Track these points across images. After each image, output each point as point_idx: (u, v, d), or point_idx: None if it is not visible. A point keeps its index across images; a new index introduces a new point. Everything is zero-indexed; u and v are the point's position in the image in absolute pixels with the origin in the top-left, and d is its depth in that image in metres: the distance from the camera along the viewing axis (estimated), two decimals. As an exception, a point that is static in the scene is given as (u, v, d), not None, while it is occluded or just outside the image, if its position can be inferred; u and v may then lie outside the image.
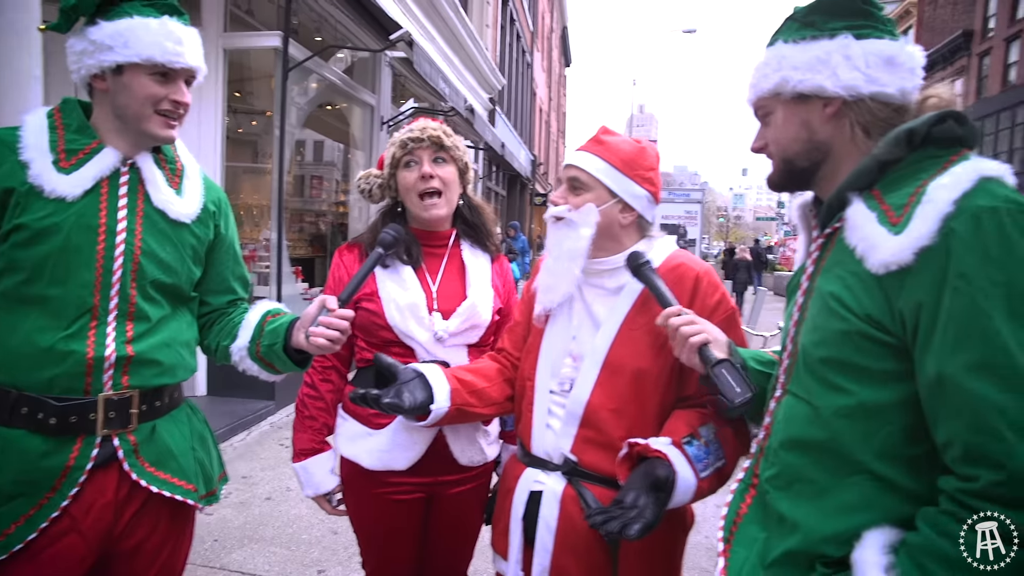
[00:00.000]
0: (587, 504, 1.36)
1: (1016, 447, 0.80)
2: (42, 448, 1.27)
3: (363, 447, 1.66)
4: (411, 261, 1.69)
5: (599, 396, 1.39)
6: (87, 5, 1.29)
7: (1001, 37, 26.09)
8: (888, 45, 1.03)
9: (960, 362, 0.85)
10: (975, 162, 0.92)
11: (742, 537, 1.10)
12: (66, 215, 1.28)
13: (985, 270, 0.84)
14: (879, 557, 0.89)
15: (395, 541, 1.71)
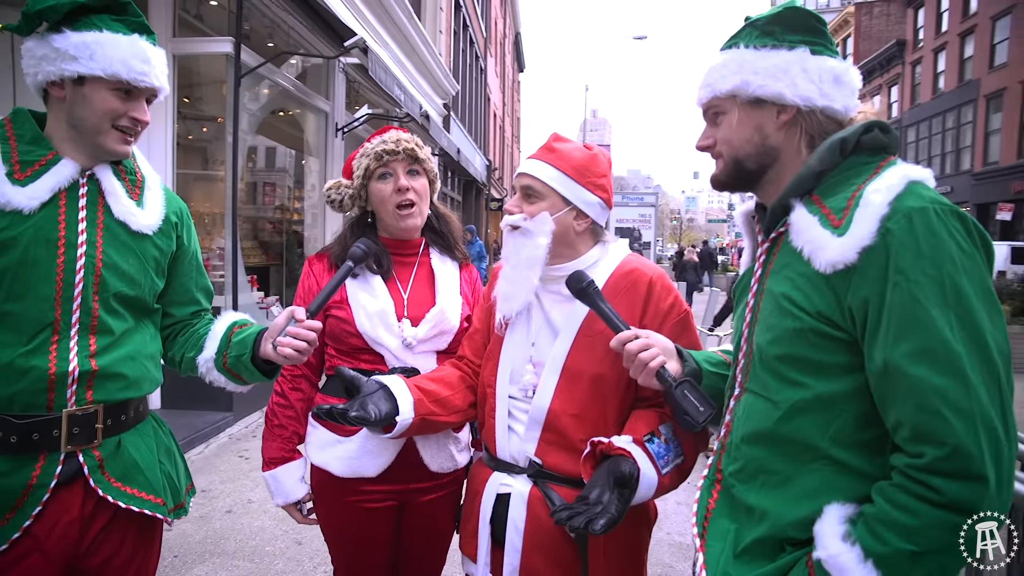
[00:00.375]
0: (553, 504, 1.39)
1: (956, 425, 0.89)
2: (2, 467, 1.24)
3: (333, 454, 1.67)
4: (382, 271, 1.71)
5: (560, 402, 1.43)
6: (53, 13, 1.26)
7: (930, 48, 27.45)
8: (837, 64, 1.11)
9: (903, 351, 0.92)
10: (903, 167, 1.01)
11: (715, 531, 1.16)
12: (23, 228, 1.26)
13: (919, 265, 0.92)
14: (837, 527, 0.96)
15: (367, 549, 1.72)
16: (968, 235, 0.95)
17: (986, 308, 0.92)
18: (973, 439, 0.88)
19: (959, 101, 25.17)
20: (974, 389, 0.89)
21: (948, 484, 0.89)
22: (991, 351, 0.91)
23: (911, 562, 0.90)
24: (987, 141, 23.78)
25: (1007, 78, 22.36)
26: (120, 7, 1.33)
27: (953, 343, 0.90)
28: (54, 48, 1.27)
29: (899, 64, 29.72)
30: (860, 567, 0.92)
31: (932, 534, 0.90)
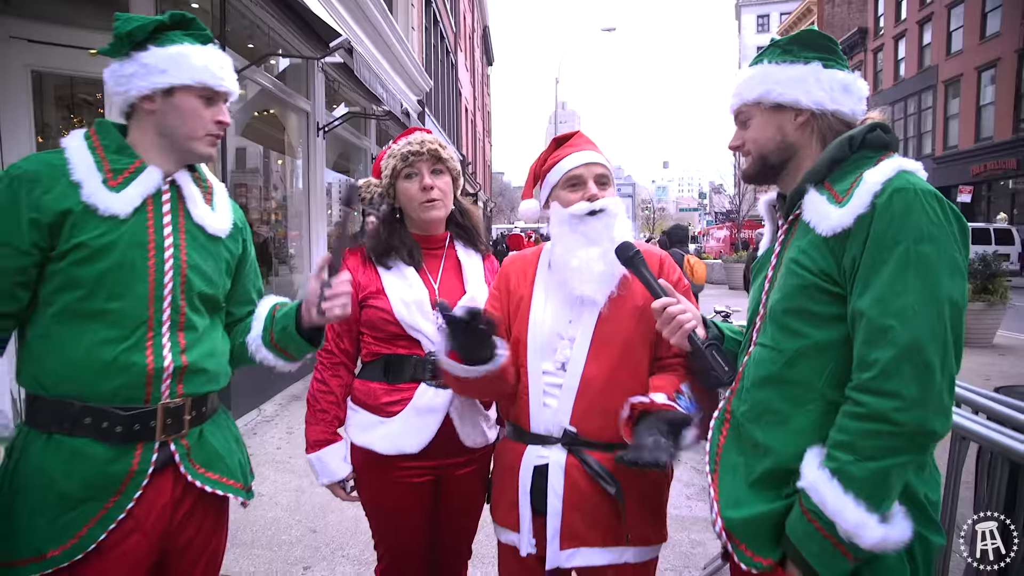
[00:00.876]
0: (592, 468, 1.54)
1: (888, 354, 1.10)
2: (107, 455, 1.34)
3: (376, 434, 1.80)
4: (413, 263, 1.85)
5: (592, 368, 1.57)
6: (141, 32, 1.36)
7: (890, 35, 28.14)
8: (846, 76, 1.33)
9: (867, 299, 1.14)
10: (898, 159, 1.24)
11: (726, 464, 1.36)
12: (119, 233, 1.35)
13: (889, 230, 1.14)
14: (814, 460, 1.19)
15: (408, 522, 1.85)
16: (942, 212, 1.15)
17: (946, 270, 1.12)
18: (896, 366, 1.10)
19: (919, 87, 25.91)
20: (912, 329, 1.10)
21: (870, 398, 1.12)
22: (942, 303, 1.11)
23: (857, 468, 1.12)
24: (947, 126, 24.55)
25: (963, 64, 23.09)
26: (187, 22, 1.43)
27: (903, 293, 1.11)
28: (143, 64, 1.36)
29: (861, 51, 30.43)
30: (828, 484, 1.14)
31: (863, 443, 1.12)
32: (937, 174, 24.61)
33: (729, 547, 1.30)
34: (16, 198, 1.30)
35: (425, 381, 1.80)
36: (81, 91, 5.43)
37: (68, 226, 1.32)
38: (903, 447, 1.11)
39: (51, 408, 1.33)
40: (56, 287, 1.32)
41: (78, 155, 1.36)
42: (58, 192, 1.32)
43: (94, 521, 1.32)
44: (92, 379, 1.32)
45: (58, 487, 1.30)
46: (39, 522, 1.29)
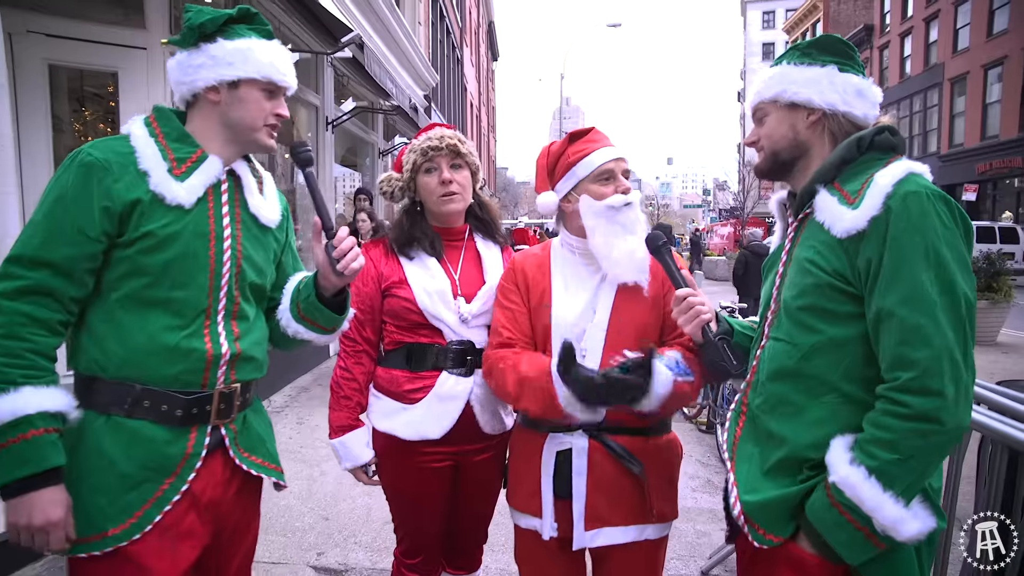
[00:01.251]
0: (614, 451, 1.61)
1: (925, 353, 1.15)
2: (165, 437, 1.37)
3: (399, 420, 1.85)
4: (435, 253, 1.91)
5: (610, 355, 1.62)
6: (211, 24, 1.39)
7: (896, 32, 28.03)
8: (861, 81, 1.38)
9: (892, 299, 1.19)
10: (906, 162, 1.29)
11: (742, 454, 1.43)
12: (184, 222, 1.38)
13: (908, 234, 1.18)
14: (844, 454, 1.23)
15: (427, 505, 1.91)
16: (951, 215, 1.20)
17: (959, 269, 1.18)
18: (936, 364, 1.14)
19: (925, 85, 25.83)
20: (942, 328, 1.15)
21: (915, 399, 1.15)
22: (960, 301, 1.17)
23: (899, 467, 1.17)
24: (952, 124, 24.47)
25: (969, 62, 23.00)
26: (251, 17, 1.47)
27: (930, 293, 1.16)
28: (211, 56, 1.39)
29: (868, 48, 30.34)
30: (866, 482, 1.18)
31: (908, 442, 1.16)
32: (942, 172, 24.54)
33: (745, 528, 1.36)
34: (88, 186, 1.31)
35: (447, 369, 1.85)
36: (90, 84, 5.50)
37: (137, 215, 1.34)
38: (945, 444, 1.16)
39: (111, 389, 1.36)
40: (122, 273, 1.35)
41: (143, 143, 1.37)
42: (128, 181, 1.34)
43: (151, 502, 1.35)
44: (155, 363, 1.36)
45: (118, 468, 1.34)
46: (100, 501, 1.33)
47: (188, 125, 1.45)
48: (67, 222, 1.30)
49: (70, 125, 5.50)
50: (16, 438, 1.23)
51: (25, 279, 1.28)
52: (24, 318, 1.27)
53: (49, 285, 1.29)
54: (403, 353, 1.88)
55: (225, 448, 1.48)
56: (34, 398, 1.25)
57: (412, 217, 1.95)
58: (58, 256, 1.29)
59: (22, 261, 1.29)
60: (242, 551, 1.57)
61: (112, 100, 5.05)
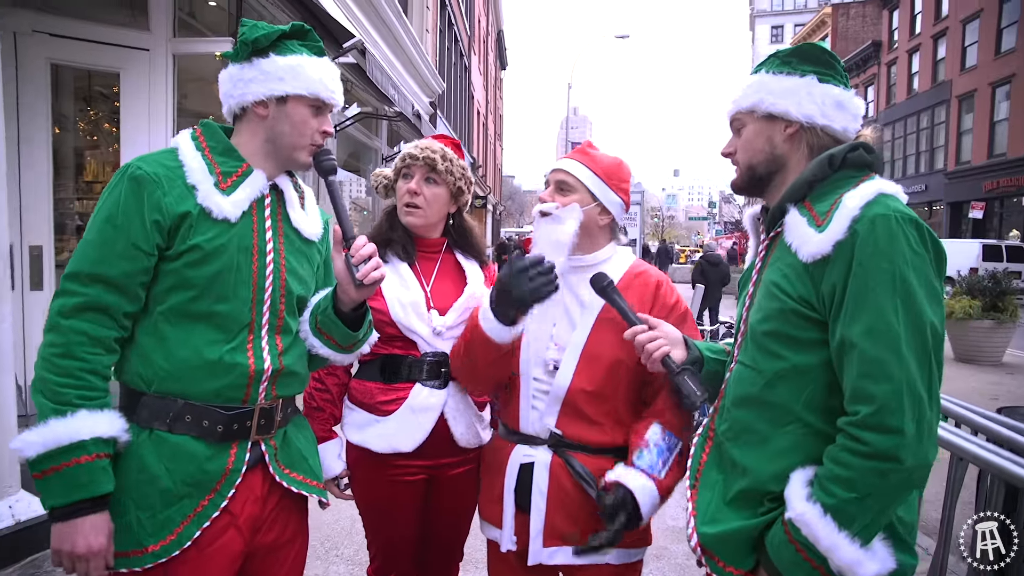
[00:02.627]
0: (574, 470, 1.58)
1: (885, 388, 1.09)
2: (205, 453, 1.35)
3: (372, 433, 1.82)
4: (406, 257, 1.88)
5: (579, 381, 1.60)
6: (265, 40, 1.39)
7: (904, 49, 28.04)
8: (841, 93, 1.32)
9: (856, 329, 1.12)
10: (878, 182, 1.22)
11: (705, 481, 1.37)
12: (229, 236, 1.37)
13: (875, 260, 1.12)
14: (802, 490, 1.17)
15: (400, 519, 1.88)
16: (920, 239, 1.13)
17: (927, 298, 1.11)
18: (897, 400, 1.08)
19: (933, 101, 25.80)
20: (906, 361, 1.09)
21: (873, 436, 1.09)
22: (926, 333, 1.10)
23: (856, 506, 1.10)
24: (960, 141, 24.42)
25: (977, 80, 22.98)
26: (304, 34, 1.46)
27: (895, 324, 1.10)
28: (263, 71, 1.39)
29: (875, 64, 30.36)
30: (821, 520, 1.11)
31: (866, 480, 1.09)
32: (949, 189, 24.47)
33: (703, 559, 1.32)
34: (140, 200, 1.31)
35: (420, 381, 1.83)
36: (97, 84, 5.52)
37: (185, 228, 1.33)
38: (905, 483, 1.10)
39: (154, 404, 1.34)
40: (168, 287, 1.34)
41: (190, 157, 1.37)
42: (176, 194, 1.33)
43: (190, 518, 1.33)
44: (198, 378, 1.34)
45: (160, 483, 1.32)
46: (141, 516, 1.31)
47: (234, 139, 1.45)
48: (120, 236, 1.29)
49: (75, 124, 5.51)
50: (70, 462, 1.23)
51: (82, 295, 1.27)
52: (82, 336, 1.26)
53: (105, 301, 1.28)
54: (377, 365, 1.86)
55: (265, 464, 1.45)
56: (89, 422, 1.24)
57: (391, 220, 1.94)
58: (114, 271, 1.29)
59: (80, 278, 1.28)
60: (284, 569, 1.52)
61: (117, 100, 5.06)
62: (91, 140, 5.69)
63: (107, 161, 5.48)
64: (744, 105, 1.36)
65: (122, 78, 4.89)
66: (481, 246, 2.03)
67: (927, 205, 26.74)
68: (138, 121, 4.94)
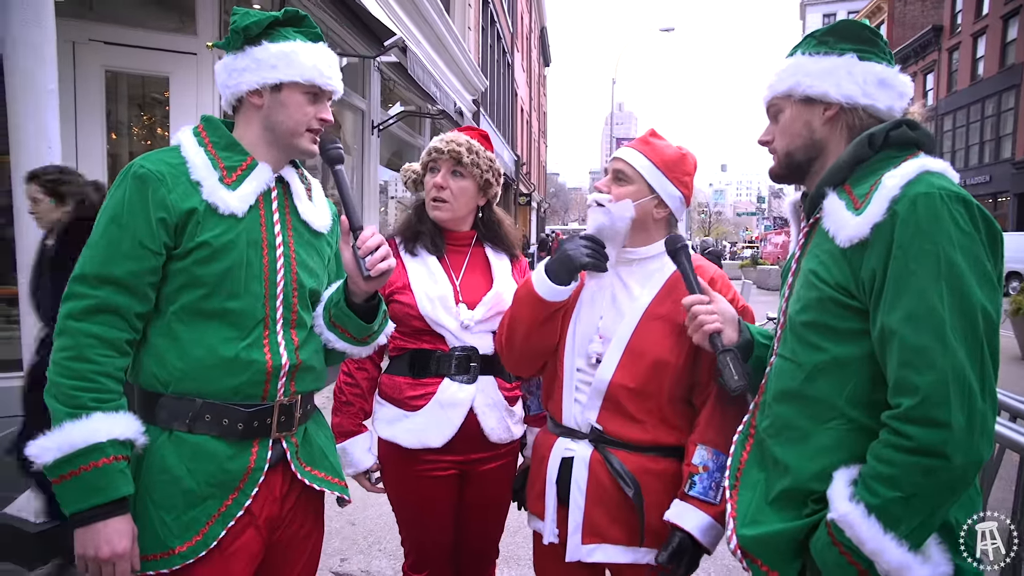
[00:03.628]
0: (613, 468, 1.53)
1: (928, 378, 1.00)
2: (227, 452, 1.34)
3: (401, 428, 1.81)
4: (435, 251, 1.86)
5: (621, 377, 1.55)
6: (256, 27, 1.36)
7: (968, 32, 26.72)
8: (884, 70, 1.23)
9: (896, 315, 1.04)
10: (922, 160, 1.12)
11: (746, 481, 1.30)
12: (238, 231, 1.35)
13: (916, 241, 1.03)
14: (845, 489, 1.08)
15: (432, 515, 1.86)
16: (971, 218, 1.04)
17: (977, 280, 1.02)
18: (942, 390, 0.99)
19: (1000, 87, 24.47)
20: (952, 348, 1.00)
21: (917, 430, 1.00)
22: (976, 317, 1.01)
23: (902, 507, 1.02)
24: (1029, 128, 23.09)
25: (1051, 62, 21.69)
26: (299, 20, 1.43)
27: (939, 309, 1.01)
28: (255, 59, 1.36)
29: (935, 50, 29.01)
30: (865, 521, 1.03)
31: (910, 479, 1.01)
32: (1016, 180, 23.23)
33: (744, 563, 1.24)
34: (144, 198, 1.29)
35: (449, 376, 1.80)
36: (152, 90, 5.70)
37: (192, 225, 1.31)
38: (955, 482, 1.01)
39: (172, 405, 1.33)
40: (178, 286, 1.32)
41: (193, 153, 1.35)
42: (181, 191, 1.31)
43: (215, 518, 1.33)
44: (215, 376, 1.33)
45: (182, 484, 1.31)
46: (165, 518, 1.30)
47: (235, 131, 1.43)
48: (126, 236, 1.28)
49: (129, 129, 5.72)
50: (88, 466, 1.21)
51: (91, 298, 1.26)
52: (93, 339, 1.25)
53: (115, 302, 1.27)
54: (406, 360, 1.84)
55: (287, 462, 1.43)
56: (105, 424, 1.23)
57: (419, 213, 1.92)
58: (121, 271, 1.27)
59: (87, 280, 1.27)
60: (299, 566, 1.51)
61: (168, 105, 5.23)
62: (146, 145, 5.89)
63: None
64: (780, 89, 1.28)
65: (171, 82, 5.03)
66: (511, 239, 2.00)
67: (992, 197, 25.43)
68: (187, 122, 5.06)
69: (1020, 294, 8.48)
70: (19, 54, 3.05)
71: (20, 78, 3.07)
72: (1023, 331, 8.30)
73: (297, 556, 1.49)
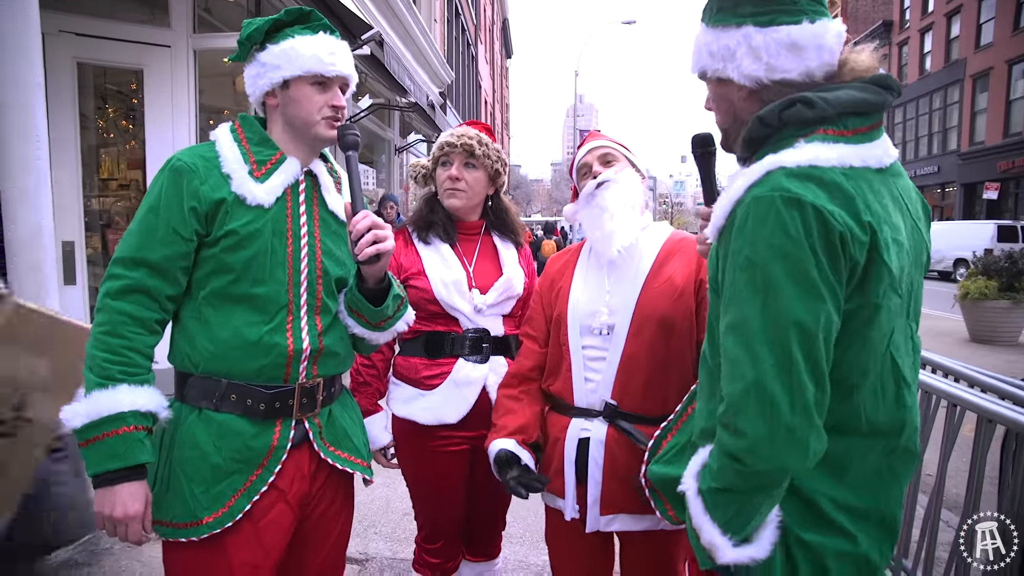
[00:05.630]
0: (636, 439, 1.64)
1: (735, 387, 1.01)
2: (251, 430, 1.42)
3: (418, 406, 1.92)
4: (448, 239, 1.97)
5: (633, 345, 1.66)
6: (258, 34, 1.45)
7: (916, 28, 27.64)
8: (793, 30, 1.08)
9: (724, 322, 1.06)
10: (783, 153, 1.04)
11: (683, 429, 1.44)
12: (264, 221, 1.43)
13: (741, 248, 1.01)
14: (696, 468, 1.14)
15: (445, 489, 1.97)
16: (803, 223, 0.97)
17: (796, 290, 0.97)
18: (742, 400, 1.00)
19: (946, 81, 25.47)
20: (759, 360, 0.99)
21: (723, 434, 1.04)
22: (787, 330, 0.98)
23: (717, 496, 1.07)
24: (973, 121, 24.11)
25: (993, 58, 22.65)
26: (305, 17, 1.50)
27: (752, 320, 1.00)
28: (262, 63, 1.46)
29: (886, 44, 29.97)
30: (695, 499, 1.10)
31: (725, 475, 1.04)
32: (963, 170, 24.20)
33: (648, 493, 1.39)
34: (179, 188, 1.39)
35: (463, 356, 1.92)
36: (112, 81, 5.61)
37: (222, 214, 1.40)
38: (757, 485, 1.03)
39: (200, 384, 1.41)
40: (208, 271, 1.41)
41: (227, 148, 1.45)
42: (212, 183, 1.40)
43: (241, 492, 1.41)
44: (239, 358, 1.41)
45: (211, 459, 1.40)
46: (195, 490, 1.39)
47: (267, 130, 1.52)
48: (161, 223, 1.37)
49: (94, 122, 5.62)
50: (110, 432, 1.30)
51: (126, 279, 1.36)
52: (125, 316, 1.34)
53: (147, 284, 1.36)
54: (421, 341, 1.94)
55: (310, 442, 1.51)
56: (129, 396, 1.31)
57: (431, 204, 2.03)
58: (155, 256, 1.36)
59: (124, 262, 1.37)
60: (329, 543, 1.59)
61: (134, 97, 5.15)
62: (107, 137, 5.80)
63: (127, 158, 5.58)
64: (695, 70, 1.20)
65: (145, 75, 4.97)
66: (517, 226, 2.12)
67: (940, 187, 26.48)
68: (162, 116, 5.03)
69: (967, 280, 8.92)
70: (6, 48, 3.03)
71: (7, 72, 3.05)
72: (971, 315, 8.74)
73: (328, 531, 1.58)
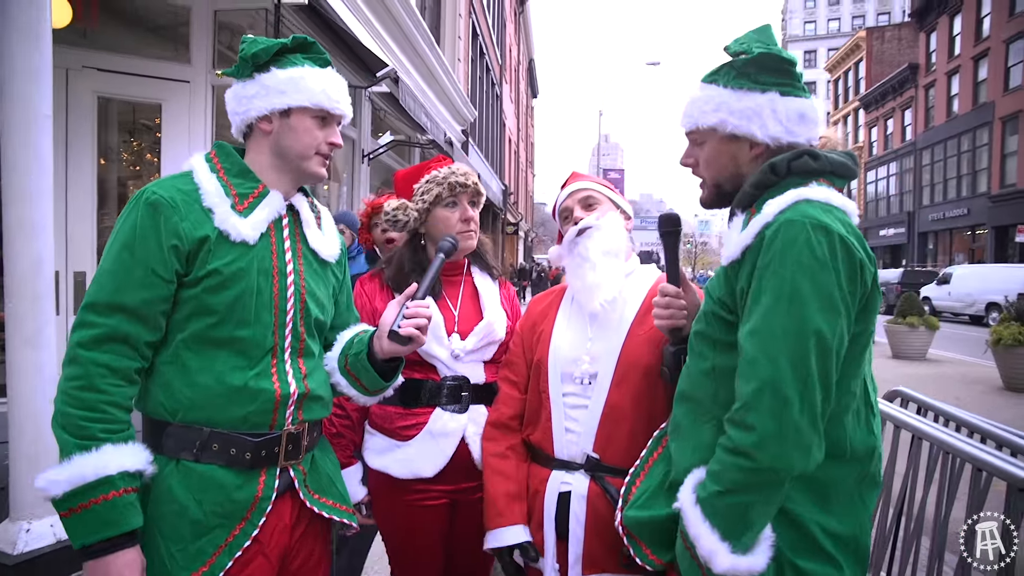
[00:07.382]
0: (612, 497, 1.53)
1: (751, 387, 1.10)
2: (234, 481, 1.32)
3: (392, 458, 1.80)
4: (433, 293, 1.83)
5: (616, 395, 1.58)
6: (264, 54, 1.38)
7: (943, 71, 27.53)
8: (802, 103, 1.27)
9: (745, 329, 1.15)
10: (807, 188, 1.19)
11: (651, 472, 1.41)
12: (249, 259, 1.34)
13: (772, 264, 1.12)
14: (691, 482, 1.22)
15: (422, 544, 1.84)
16: (829, 248, 1.10)
17: (819, 306, 1.08)
18: (757, 399, 1.09)
19: (974, 124, 25.20)
20: (777, 363, 1.08)
21: (734, 431, 1.12)
22: (808, 338, 1.08)
23: (720, 500, 1.13)
24: (1004, 163, 23.74)
25: (1022, 100, 22.39)
26: (308, 46, 1.45)
27: (774, 326, 1.10)
28: (264, 85, 1.37)
29: (912, 87, 29.86)
30: (692, 509, 1.16)
31: (729, 475, 1.12)
32: (993, 213, 23.74)
33: (626, 540, 1.36)
34: (156, 225, 1.27)
35: (440, 405, 1.81)
36: (141, 116, 5.74)
37: (204, 252, 1.30)
38: (761, 483, 1.10)
39: (180, 434, 1.31)
40: (188, 313, 1.31)
41: (206, 179, 1.35)
42: (193, 219, 1.30)
43: (222, 548, 1.30)
44: (223, 405, 1.31)
45: (190, 514, 1.29)
46: (172, 549, 1.28)
47: (246, 158, 1.43)
48: (138, 264, 1.26)
49: (118, 155, 5.74)
50: (98, 499, 1.19)
51: (101, 326, 1.24)
52: (102, 368, 1.23)
53: (124, 331, 1.25)
54: (398, 390, 1.83)
55: (295, 490, 1.41)
56: (115, 457, 1.21)
57: (414, 251, 1.93)
58: (133, 300, 1.25)
59: (98, 308, 1.25)
60: None
61: (158, 131, 5.26)
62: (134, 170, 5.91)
63: (148, 189, 5.67)
64: (705, 123, 1.30)
65: (164, 109, 5.07)
66: (493, 256, 2.06)
67: (970, 229, 25.97)
68: (178, 150, 5.10)
69: (999, 325, 8.61)
70: (16, 79, 3.07)
71: (16, 103, 3.08)
72: (1005, 362, 8.42)
73: None
